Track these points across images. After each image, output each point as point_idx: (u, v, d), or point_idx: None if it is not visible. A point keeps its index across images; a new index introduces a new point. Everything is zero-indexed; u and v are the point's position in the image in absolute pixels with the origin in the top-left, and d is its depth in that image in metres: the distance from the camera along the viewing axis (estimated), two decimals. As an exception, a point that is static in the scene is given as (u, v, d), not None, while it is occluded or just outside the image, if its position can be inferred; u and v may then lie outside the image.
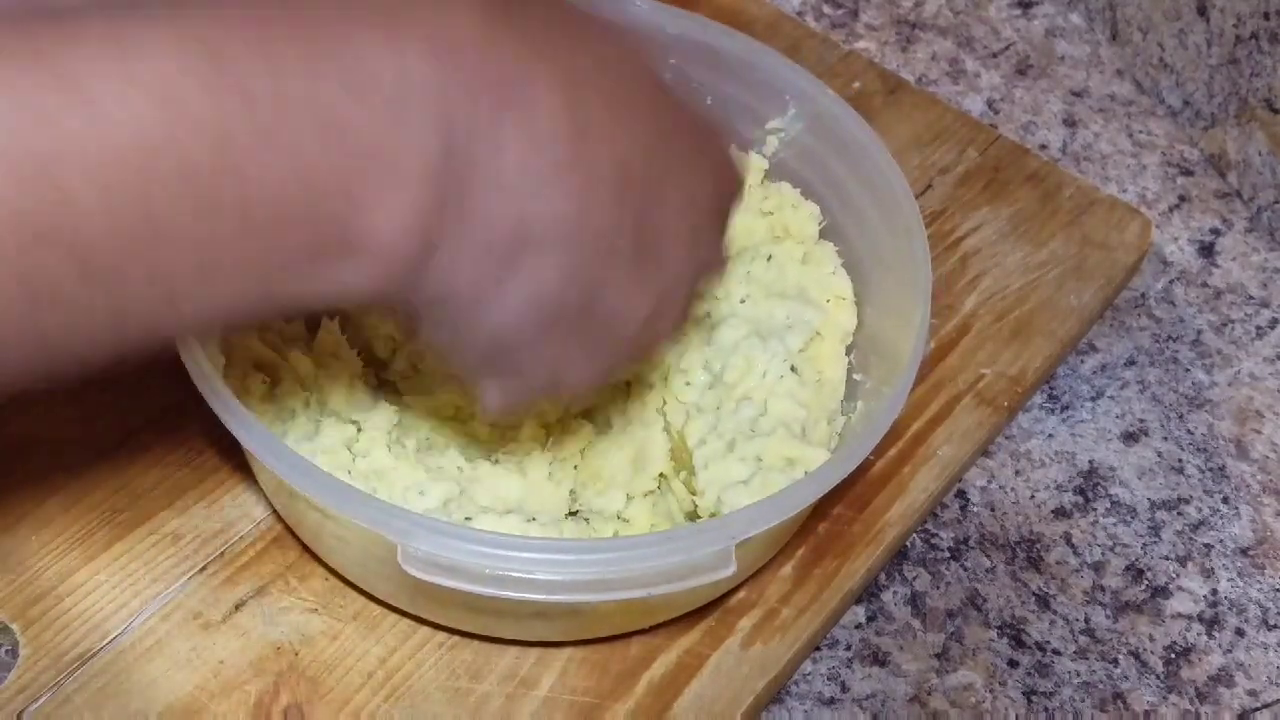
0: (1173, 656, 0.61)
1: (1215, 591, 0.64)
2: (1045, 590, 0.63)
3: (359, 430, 0.58)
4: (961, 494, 0.66)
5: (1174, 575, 0.64)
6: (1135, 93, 0.85)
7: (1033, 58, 0.86)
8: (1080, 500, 0.66)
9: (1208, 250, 0.77)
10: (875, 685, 0.59)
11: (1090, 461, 0.67)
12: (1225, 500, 0.67)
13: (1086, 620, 0.62)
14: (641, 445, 0.59)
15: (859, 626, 0.61)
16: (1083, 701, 0.59)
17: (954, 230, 0.73)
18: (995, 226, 0.73)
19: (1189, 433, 0.69)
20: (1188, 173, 0.81)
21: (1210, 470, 0.68)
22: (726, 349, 0.61)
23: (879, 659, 0.60)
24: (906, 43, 0.86)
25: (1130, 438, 0.69)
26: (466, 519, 0.54)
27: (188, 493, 0.59)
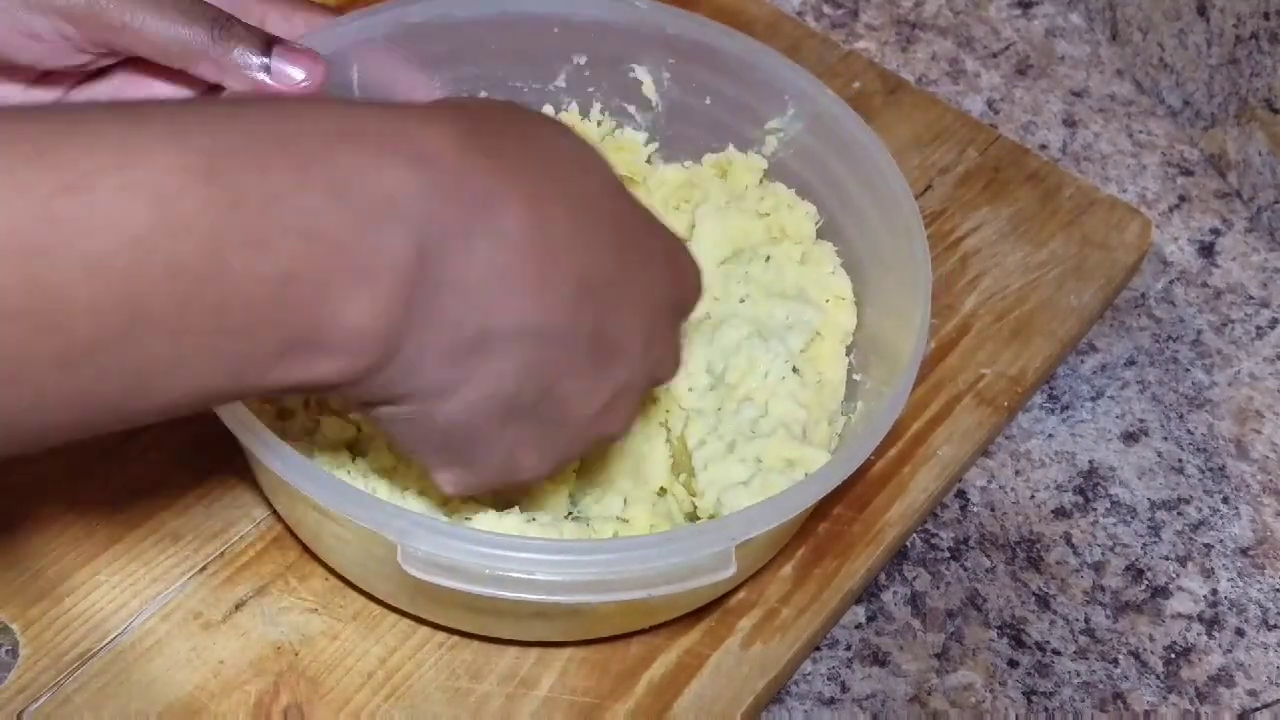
0: (1173, 656, 0.61)
1: (1215, 591, 0.64)
2: (1045, 590, 0.63)
3: (359, 430, 0.58)
4: (961, 494, 0.66)
5: (1174, 575, 0.64)
6: (1135, 93, 0.85)
7: (1033, 58, 0.86)
8: (1080, 500, 0.66)
9: (1208, 250, 0.77)
10: (875, 685, 0.59)
11: (1090, 461, 0.67)
12: (1225, 500, 0.67)
13: (1086, 620, 0.62)
14: (642, 457, 0.59)
15: (859, 626, 0.61)
16: (1083, 701, 0.59)
17: (954, 230, 0.73)
18: (995, 226, 0.73)
19: (1189, 433, 0.69)
20: (1188, 173, 0.81)
21: (1210, 470, 0.68)
22: (729, 349, 0.61)
23: (879, 659, 0.60)
24: (906, 43, 0.86)
25: (1130, 438, 0.69)
26: (466, 519, 0.54)
27: (188, 493, 0.59)
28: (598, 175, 0.44)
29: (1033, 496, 0.66)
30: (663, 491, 0.59)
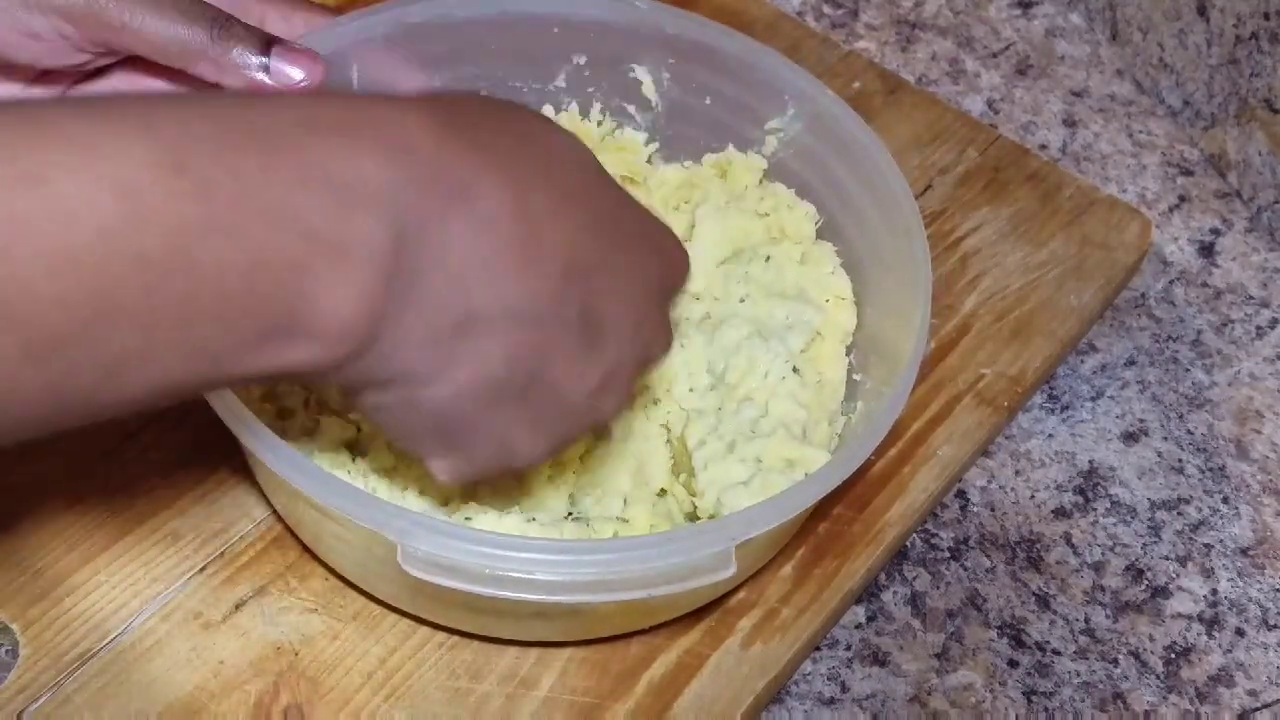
0: (1173, 656, 0.61)
1: (1215, 591, 0.64)
2: (1045, 590, 0.63)
3: (359, 430, 0.58)
4: (961, 494, 0.66)
5: (1174, 575, 0.64)
6: (1135, 93, 0.85)
7: (1033, 58, 0.86)
8: (1080, 500, 0.66)
9: (1208, 250, 0.77)
10: (875, 685, 0.59)
11: (1090, 461, 0.67)
12: (1225, 500, 0.67)
13: (1086, 620, 0.62)
14: (643, 459, 0.59)
15: (859, 626, 0.61)
16: (1083, 701, 0.59)
17: (954, 230, 0.73)
18: (995, 226, 0.73)
19: (1189, 433, 0.69)
20: (1188, 173, 0.81)
21: (1210, 470, 0.68)
22: (729, 349, 0.61)
23: (879, 659, 0.60)
24: (906, 43, 0.86)
25: (1130, 438, 0.69)
26: (466, 519, 0.54)
27: (188, 493, 0.59)
28: (577, 159, 0.44)
29: (1033, 496, 0.66)
30: (663, 492, 0.59)
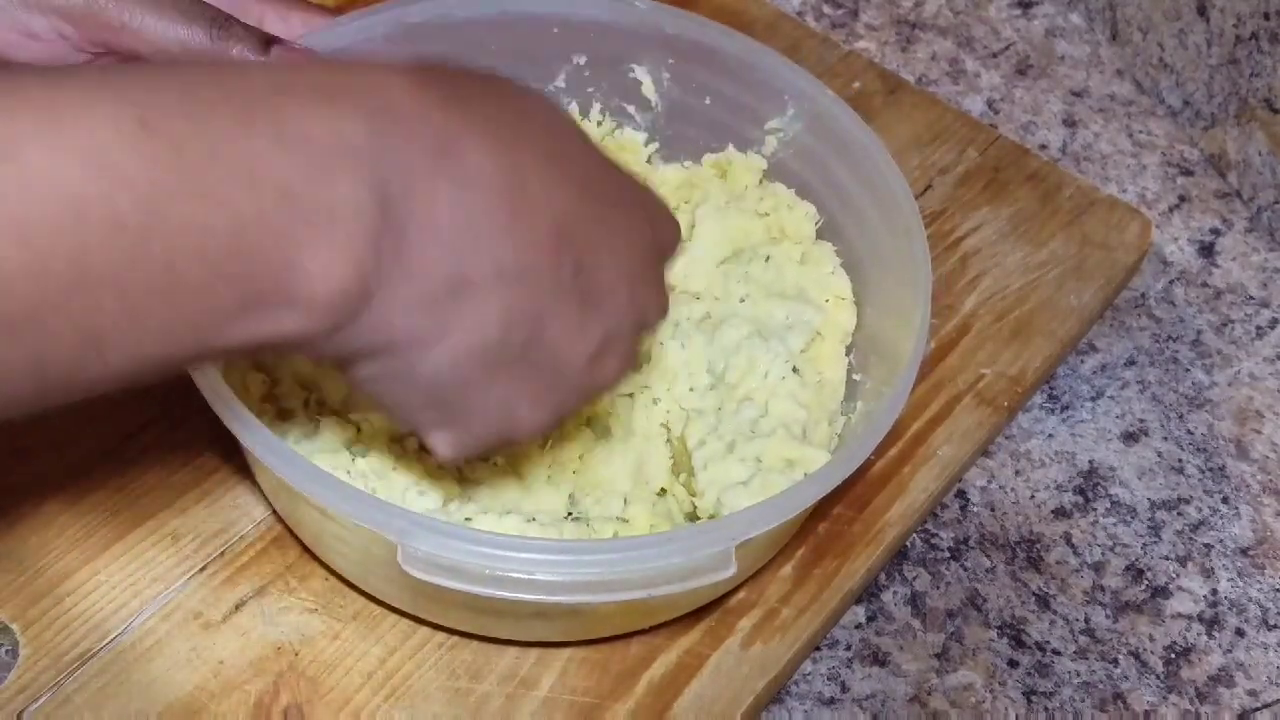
0: (1173, 656, 0.61)
1: (1215, 591, 0.64)
2: (1045, 590, 0.63)
3: (359, 430, 0.58)
4: (961, 494, 0.66)
5: (1174, 575, 0.64)
6: (1135, 93, 0.85)
7: (1033, 58, 0.86)
8: (1080, 500, 0.66)
9: (1208, 250, 0.77)
10: (875, 685, 0.59)
11: (1090, 461, 0.67)
12: (1225, 500, 0.67)
13: (1086, 620, 0.62)
14: (643, 458, 0.59)
15: (859, 626, 0.61)
16: (1083, 701, 0.59)
17: (954, 230, 0.73)
18: (995, 226, 0.73)
19: (1189, 433, 0.69)
20: (1188, 173, 0.81)
21: (1210, 470, 0.68)
22: (729, 349, 0.61)
23: (879, 659, 0.60)
24: (906, 43, 0.86)
25: (1130, 438, 0.69)
26: (466, 519, 0.54)
27: (188, 493, 0.59)
28: (561, 124, 0.43)
29: (1033, 496, 0.66)
30: (663, 492, 0.59)
